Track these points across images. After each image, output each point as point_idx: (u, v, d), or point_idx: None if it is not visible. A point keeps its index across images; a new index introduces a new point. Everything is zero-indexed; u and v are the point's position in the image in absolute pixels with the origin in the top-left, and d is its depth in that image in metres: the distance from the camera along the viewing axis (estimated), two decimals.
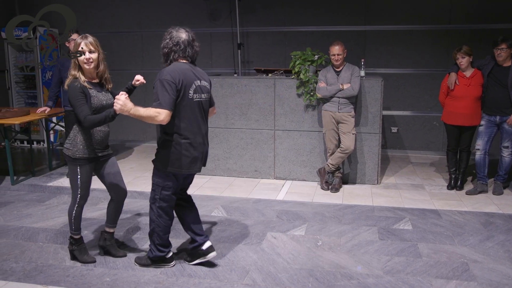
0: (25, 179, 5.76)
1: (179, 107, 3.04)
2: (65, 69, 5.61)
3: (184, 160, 3.11)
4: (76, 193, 3.33)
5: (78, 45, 3.20)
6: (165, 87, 2.94)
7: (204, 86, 3.18)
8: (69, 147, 3.27)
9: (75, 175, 3.30)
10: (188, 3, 7.48)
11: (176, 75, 2.99)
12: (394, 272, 3.30)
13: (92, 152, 3.30)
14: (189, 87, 3.05)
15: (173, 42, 3.08)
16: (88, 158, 3.28)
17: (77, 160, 3.26)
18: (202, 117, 3.19)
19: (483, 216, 4.43)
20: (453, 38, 6.68)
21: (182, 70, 3.04)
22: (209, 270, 3.35)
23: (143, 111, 2.94)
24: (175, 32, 3.10)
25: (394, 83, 6.97)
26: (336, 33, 6.86)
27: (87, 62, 3.22)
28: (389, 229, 4.11)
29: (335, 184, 5.29)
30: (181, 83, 3.00)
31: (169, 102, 2.94)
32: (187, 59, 3.14)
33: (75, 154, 3.25)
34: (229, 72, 7.36)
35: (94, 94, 3.23)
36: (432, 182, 5.60)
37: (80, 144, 3.25)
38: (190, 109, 3.09)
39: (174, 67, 3.05)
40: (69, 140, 3.29)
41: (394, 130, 7.14)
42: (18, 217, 4.43)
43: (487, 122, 4.97)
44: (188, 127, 3.09)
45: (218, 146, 5.84)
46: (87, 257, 3.48)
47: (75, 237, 3.46)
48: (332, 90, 5.06)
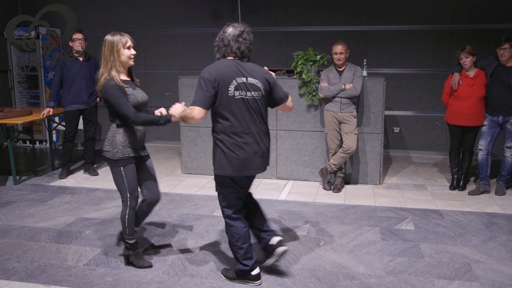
0: (27, 179, 5.77)
1: (220, 105, 2.90)
2: (67, 68, 5.63)
3: (232, 162, 2.93)
4: (126, 195, 3.24)
5: (126, 41, 3.16)
6: (201, 84, 2.86)
7: (253, 84, 2.95)
8: (108, 149, 3.19)
9: (120, 177, 3.21)
10: (190, 3, 7.48)
11: (213, 71, 2.87)
12: (396, 273, 3.30)
13: (133, 151, 3.23)
14: (228, 84, 2.88)
15: (220, 39, 2.97)
16: (129, 157, 3.21)
17: (118, 161, 3.19)
18: (252, 116, 2.95)
19: (486, 216, 4.42)
20: (455, 38, 6.66)
21: (222, 67, 2.90)
22: (211, 270, 3.35)
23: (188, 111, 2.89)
24: (225, 28, 2.99)
25: (396, 83, 6.96)
26: (338, 33, 6.85)
27: (132, 58, 3.21)
28: (391, 229, 4.10)
29: (337, 184, 5.29)
30: (218, 80, 2.85)
31: (201, 99, 2.83)
32: (233, 55, 2.97)
33: (116, 155, 3.17)
34: None
35: (130, 92, 3.15)
36: (434, 182, 5.59)
37: (119, 144, 3.16)
38: (234, 107, 2.90)
39: (215, 64, 2.94)
40: (107, 141, 3.21)
41: (396, 130, 7.13)
42: (21, 217, 4.44)
43: (490, 122, 4.96)
44: (234, 126, 2.92)
45: None
46: (143, 261, 3.38)
47: (130, 242, 3.35)
48: (334, 90, 5.06)
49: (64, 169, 5.88)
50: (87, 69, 5.68)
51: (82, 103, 5.69)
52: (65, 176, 5.83)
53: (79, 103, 5.68)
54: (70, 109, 5.70)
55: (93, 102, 5.80)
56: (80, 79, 5.63)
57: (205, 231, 4.07)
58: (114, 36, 3.16)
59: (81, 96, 5.66)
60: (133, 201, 3.27)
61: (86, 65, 5.69)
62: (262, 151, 3.03)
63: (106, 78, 3.11)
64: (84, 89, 5.66)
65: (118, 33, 3.18)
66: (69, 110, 5.71)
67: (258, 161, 3.02)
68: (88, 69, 5.70)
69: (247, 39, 2.99)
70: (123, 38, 3.16)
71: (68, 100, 5.67)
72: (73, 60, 5.66)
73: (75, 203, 4.86)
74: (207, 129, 5.82)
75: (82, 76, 5.64)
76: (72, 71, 5.61)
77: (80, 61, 5.67)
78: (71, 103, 5.66)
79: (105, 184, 5.51)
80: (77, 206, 4.76)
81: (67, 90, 5.66)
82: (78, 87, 5.64)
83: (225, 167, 2.95)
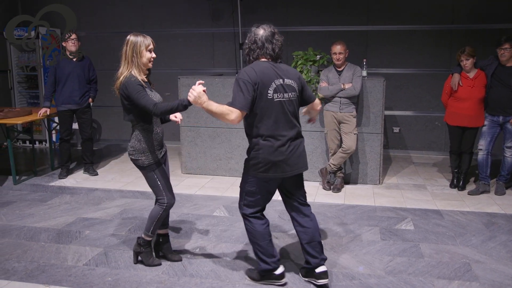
0: (27, 179, 5.77)
1: (258, 108, 2.87)
2: (60, 69, 5.63)
3: (264, 164, 2.91)
4: (163, 197, 3.26)
5: (148, 44, 3.17)
6: (241, 87, 2.81)
7: (289, 85, 2.94)
8: (136, 157, 3.21)
9: (153, 181, 3.25)
10: (191, 3, 7.48)
11: (253, 74, 2.84)
12: (396, 273, 3.30)
13: (158, 153, 3.27)
14: (268, 87, 2.86)
15: (251, 41, 2.95)
16: (157, 161, 3.25)
17: (149, 167, 3.22)
18: (286, 119, 2.93)
19: (485, 216, 4.42)
20: (456, 38, 6.66)
21: (261, 69, 2.88)
22: (210, 270, 3.35)
23: (216, 107, 2.81)
24: (254, 30, 2.98)
25: (396, 83, 6.96)
26: (338, 33, 6.85)
27: (152, 61, 3.22)
28: (391, 229, 4.10)
29: (337, 184, 5.29)
30: (257, 83, 2.83)
31: (243, 102, 2.79)
32: (268, 57, 2.96)
33: (144, 163, 3.20)
34: (231, 72, 7.35)
35: (148, 92, 3.15)
36: (434, 182, 5.59)
37: (146, 151, 3.20)
38: (271, 110, 2.88)
39: (252, 66, 2.90)
40: (133, 149, 3.21)
41: (396, 130, 7.13)
42: (20, 217, 4.44)
43: (490, 122, 4.95)
44: (270, 130, 2.89)
45: (220, 146, 5.84)
46: (153, 259, 3.41)
47: (147, 239, 3.37)
48: (334, 90, 5.06)
49: (63, 169, 5.89)
50: (80, 69, 5.67)
51: (73, 104, 5.67)
52: (64, 176, 5.83)
53: (70, 103, 5.67)
54: (61, 109, 5.69)
55: (85, 102, 5.78)
56: (72, 79, 5.61)
57: (205, 231, 4.08)
58: (138, 37, 3.16)
59: (73, 96, 5.65)
60: (169, 205, 3.29)
61: (79, 65, 5.67)
62: (299, 154, 3.00)
63: (126, 76, 3.11)
64: (76, 90, 5.64)
65: (141, 34, 3.19)
66: (61, 110, 5.70)
67: (296, 161, 2.98)
68: (82, 69, 5.69)
69: (279, 40, 2.99)
70: (146, 40, 3.17)
71: (60, 101, 5.67)
72: (67, 60, 5.64)
73: (75, 203, 4.86)
74: (207, 129, 5.83)
75: (75, 76, 5.62)
76: (65, 71, 5.60)
77: (74, 61, 5.66)
78: (63, 103, 5.66)
79: (105, 184, 5.51)
80: (76, 206, 4.76)
81: (60, 90, 5.66)
82: (71, 87, 5.62)
83: (257, 168, 2.93)
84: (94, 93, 5.88)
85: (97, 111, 5.95)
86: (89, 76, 5.79)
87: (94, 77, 5.86)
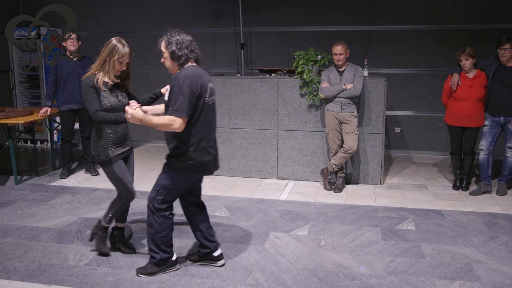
0: (28, 178, 5.78)
1: (198, 112, 2.97)
2: (61, 68, 5.63)
3: (198, 165, 3.06)
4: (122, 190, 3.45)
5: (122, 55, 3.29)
6: (184, 93, 2.85)
7: (213, 88, 3.12)
8: (94, 153, 3.39)
9: (111, 175, 3.40)
10: (192, 3, 7.49)
11: (195, 79, 2.91)
12: (397, 273, 3.30)
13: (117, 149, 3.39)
14: (205, 91, 2.99)
15: (183, 45, 2.98)
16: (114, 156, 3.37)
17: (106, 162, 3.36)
18: (214, 121, 3.16)
19: (487, 216, 4.42)
20: (457, 38, 6.66)
21: (198, 74, 2.97)
22: (212, 270, 3.35)
23: (156, 120, 2.90)
24: (178, 35, 3.01)
25: (397, 83, 6.96)
26: (339, 33, 6.85)
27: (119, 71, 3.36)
28: (392, 230, 4.10)
29: (338, 184, 5.29)
30: (199, 88, 2.93)
31: (185, 109, 2.86)
32: (193, 61, 3.05)
33: (101, 158, 3.36)
34: (232, 72, 7.36)
35: (103, 94, 3.26)
36: (435, 183, 5.58)
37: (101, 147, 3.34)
38: (206, 113, 3.03)
39: (190, 72, 2.95)
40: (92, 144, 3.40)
41: (397, 130, 7.13)
42: (22, 217, 4.45)
43: (491, 122, 4.95)
44: (204, 131, 3.04)
45: (221, 146, 5.83)
46: (104, 246, 3.58)
47: (106, 225, 3.57)
48: (335, 90, 5.06)
49: (65, 169, 5.90)
50: (80, 68, 5.66)
51: (75, 103, 5.67)
52: (66, 176, 5.84)
53: (72, 103, 5.67)
54: (63, 109, 5.70)
55: None
56: (73, 79, 5.61)
57: None
58: (118, 44, 3.28)
59: (74, 96, 5.64)
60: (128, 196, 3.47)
61: (79, 64, 5.66)
62: (217, 153, 3.23)
63: (88, 75, 3.26)
64: (77, 89, 5.62)
65: (122, 43, 3.30)
66: (62, 110, 5.71)
67: (215, 164, 3.21)
68: (82, 69, 5.66)
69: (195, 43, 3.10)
70: (123, 50, 3.28)
71: (62, 100, 5.67)
72: (67, 60, 5.64)
73: (76, 203, 4.87)
74: None
75: (76, 75, 5.61)
76: (66, 71, 5.61)
77: (74, 60, 5.66)
78: (65, 103, 5.67)
79: (106, 184, 5.49)
80: (78, 206, 4.77)
81: (61, 90, 5.66)
82: (71, 87, 5.62)
83: (189, 169, 3.07)
84: None
85: None
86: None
87: None
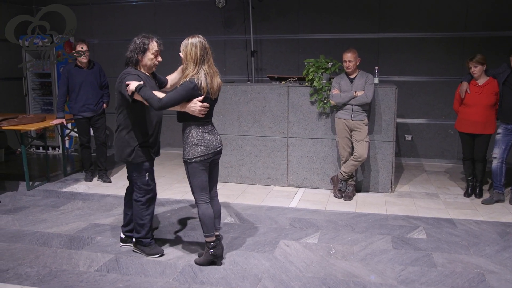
0: (40, 184, 5.83)
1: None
2: (72, 78, 5.69)
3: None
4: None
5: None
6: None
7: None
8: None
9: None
10: (203, 11, 7.54)
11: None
12: (408, 282, 3.26)
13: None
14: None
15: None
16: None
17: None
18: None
19: (500, 226, 4.36)
20: (468, 45, 6.62)
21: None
22: (221, 277, 3.34)
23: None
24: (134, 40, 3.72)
25: (408, 91, 6.93)
26: (349, 41, 6.85)
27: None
28: (403, 238, 4.06)
29: (348, 192, 5.26)
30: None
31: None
32: None
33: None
34: (242, 79, 7.38)
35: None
36: (447, 191, 5.53)
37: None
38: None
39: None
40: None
41: (408, 138, 7.08)
42: (33, 222, 4.48)
43: (504, 130, 4.90)
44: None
45: (231, 153, 5.84)
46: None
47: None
48: (346, 97, 5.05)
49: (88, 172, 6.05)
50: (92, 77, 5.75)
51: (89, 111, 5.77)
52: (90, 179, 6.02)
53: (86, 111, 5.77)
54: (78, 117, 5.78)
55: (100, 109, 5.87)
56: (86, 88, 5.70)
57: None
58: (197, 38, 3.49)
59: (88, 104, 5.74)
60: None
61: (90, 73, 5.75)
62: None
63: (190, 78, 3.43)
64: (90, 98, 5.73)
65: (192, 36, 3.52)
66: (78, 119, 5.79)
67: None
68: (93, 77, 5.78)
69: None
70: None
71: (76, 109, 5.76)
72: (78, 69, 5.71)
73: (87, 209, 4.90)
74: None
75: (88, 84, 5.71)
76: (78, 80, 5.68)
77: (84, 69, 5.73)
78: (79, 111, 5.75)
79: (117, 191, 5.55)
80: (88, 212, 4.80)
81: (74, 99, 5.75)
82: (85, 96, 5.71)
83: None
84: (108, 98, 5.95)
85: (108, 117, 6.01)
86: (100, 82, 5.87)
87: (105, 83, 5.94)
